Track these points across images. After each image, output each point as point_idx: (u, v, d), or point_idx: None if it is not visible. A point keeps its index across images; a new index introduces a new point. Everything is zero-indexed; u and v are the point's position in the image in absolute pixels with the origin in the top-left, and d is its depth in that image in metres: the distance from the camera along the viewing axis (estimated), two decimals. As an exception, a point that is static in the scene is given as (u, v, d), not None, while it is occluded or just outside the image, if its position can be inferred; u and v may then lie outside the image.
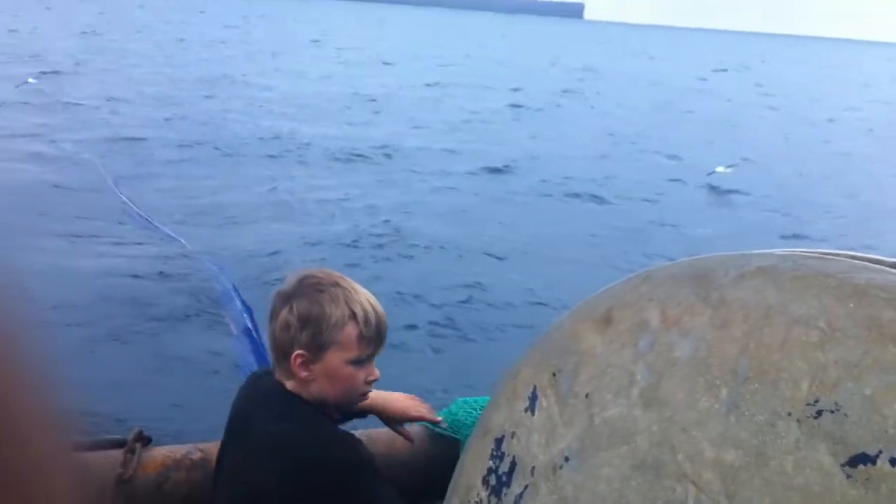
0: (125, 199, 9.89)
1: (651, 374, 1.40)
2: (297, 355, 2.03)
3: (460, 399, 2.78)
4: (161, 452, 2.47)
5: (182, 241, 8.61)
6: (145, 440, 2.47)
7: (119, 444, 2.45)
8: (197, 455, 2.46)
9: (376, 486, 2.05)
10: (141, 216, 9.27)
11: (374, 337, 2.09)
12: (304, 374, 2.05)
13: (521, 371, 1.72)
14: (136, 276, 7.76)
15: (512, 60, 46.69)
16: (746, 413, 1.24)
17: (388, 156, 15.08)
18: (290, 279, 2.10)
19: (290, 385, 2.10)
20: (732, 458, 1.24)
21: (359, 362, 2.07)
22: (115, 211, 9.70)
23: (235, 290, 6.56)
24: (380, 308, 2.12)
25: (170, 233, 8.73)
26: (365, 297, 2.09)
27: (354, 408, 2.21)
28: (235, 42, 42.82)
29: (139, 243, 8.70)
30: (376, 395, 2.40)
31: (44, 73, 21.82)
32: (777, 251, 1.33)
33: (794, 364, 1.19)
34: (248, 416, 2.17)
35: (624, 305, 1.51)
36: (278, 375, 2.12)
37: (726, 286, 1.33)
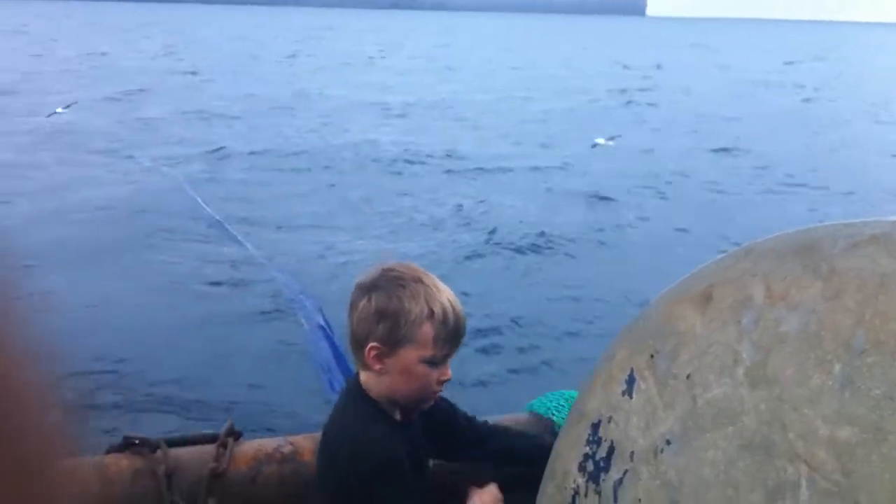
0: (210, 211, 10.09)
1: (757, 352, 1.36)
2: (372, 347, 2.02)
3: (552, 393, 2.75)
4: (252, 446, 2.49)
5: (248, 246, 8.77)
6: (236, 434, 2.49)
7: (211, 439, 2.48)
8: (287, 448, 2.47)
9: (399, 493, 2.02)
10: (218, 221, 9.46)
11: (451, 337, 2.05)
12: (377, 366, 2.04)
13: (616, 354, 1.68)
14: (215, 283, 7.96)
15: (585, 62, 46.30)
16: (862, 387, 1.19)
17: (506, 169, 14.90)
18: (372, 271, 2.09)
19: (363, 377, 2.10)
20: (848, 435, 1.19)
21: (433, 362, 2.04)
22: (199, 221, 9.92)
23: (305, 293, 6.67)
24: (460, 308, 2.08)
25: (240, 239, 8.87)
26: (446, 296, 2.06)
27: (424, 406, 2.15)
28: (304, 56, 43.28)
29: (215, 252, 8.90)
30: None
31: (129, 91, 22.47)
32: (889, 218, 1.27)
33: None
34: (333, 409, 2.22)
35: (724, 282, 1.46)
36: (357, 366, 2.12)
37: (836, 256, 1.28)
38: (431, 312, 2.01)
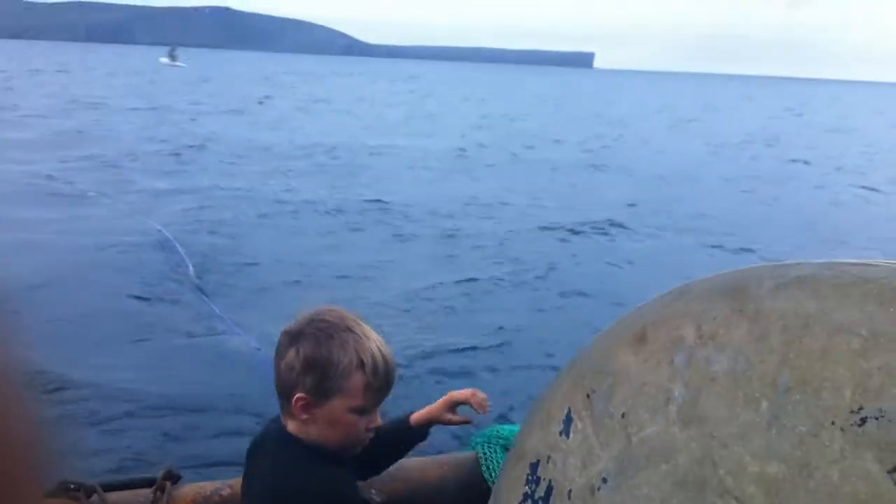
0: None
1: (688, 391, 1.39)
2: (299, 398, 1.97)
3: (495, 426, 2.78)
4: (191, 489, 2.46)
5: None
6: (175, 478, 2.46)
7: (149, 483, 2.44)
8: (226, 491, 2.45)
9: None
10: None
11: (381, 386, 2.02)
12: (304, 416, 1.99)
13: (554, 394, 1.71)
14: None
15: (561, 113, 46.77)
16: (788, 424, 1.22)
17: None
18: (300, 319, 2.03)
19: (291, 427, 2.05)
20: (776, 470, 1.23)
21: (363, 411, 2.02)
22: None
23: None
24: (390, 356, 2.05)
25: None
26: (376, 345, 2.02)
27: (353, 452, 2.11)
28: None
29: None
30: (421, 415, 2.48)
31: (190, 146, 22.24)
32: (815, 261, 1.32)
33: (836, 372, 1.18)
34: (254, 456, 2.16)
35: (658, 322, 1.50)
36: (283, 416, 2.07)
37: (763, 297, 1.33)
38: (361, 362, 1.97)
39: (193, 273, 9.47)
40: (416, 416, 2.51)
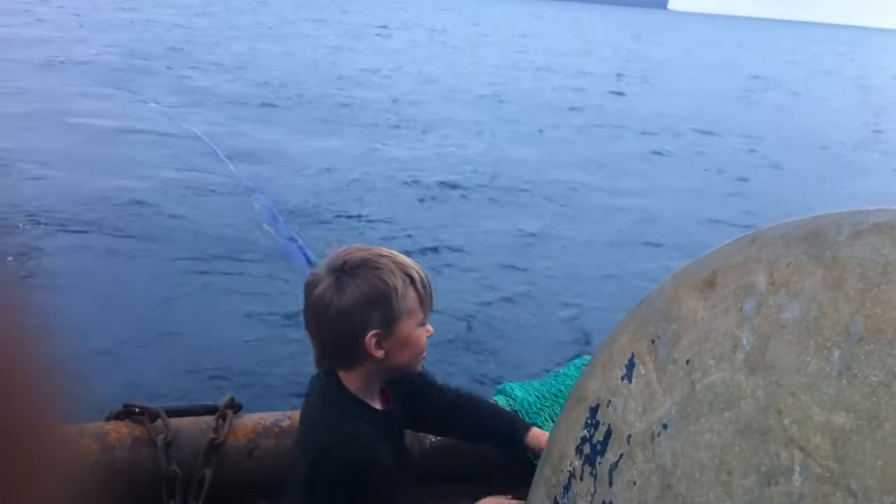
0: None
1: (757, 338, 1.37)
2: (373, 335, 1.98)
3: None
4: (252, 419, 2.52)
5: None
6: (236, 407, 2.52)
7: (211, 411, 2.50)
8: (286, 422, 2.49)
9: (392, 491, 2.02)
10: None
11: (429, 295, 2.08)
12: (379, 353, 2.00)
13: (618, 338, 1.69)
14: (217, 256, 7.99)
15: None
16: (859, 374, 1.20)
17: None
18: (331, 265, 2.02)
19: (343, 374, 2.06)
20: (843, 421, 1.20)
21: (423, 324, 2.07)
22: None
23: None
24: (421, 266, 2.11)
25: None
26: (408, 260, 2.07)
27: (416, 368, 2.15)
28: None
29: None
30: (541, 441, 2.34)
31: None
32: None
33: None
34: (308, 398, 2.19)
35: (729, 268, 1.47)
36: (340, 367, 2.07)
37: (840, 244, 1.29)
38: (411, 279, 2.02)
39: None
40: (535, 439, 2.39)
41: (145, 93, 16.58)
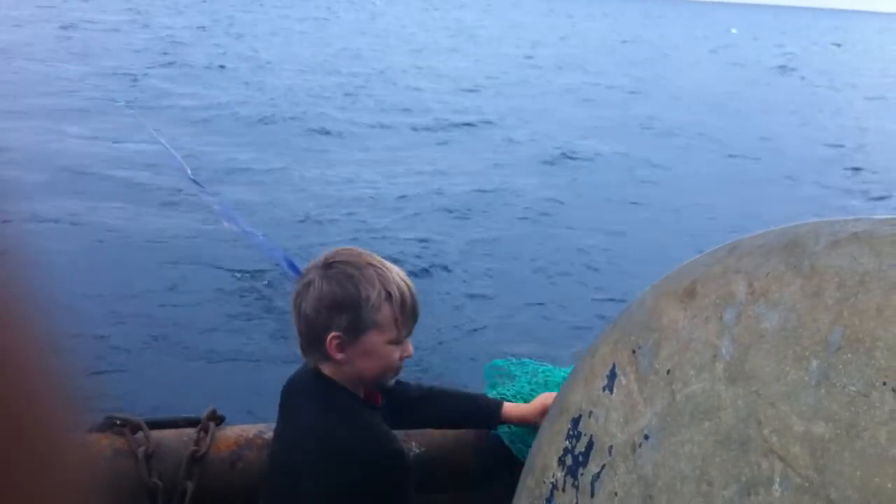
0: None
1: (737, 348, 1.37)
2: (333, 337, 1.99)
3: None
4: (234, 431, 2.50)
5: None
6: (219, 419, 2.50)
7: (193, 423, 2.49)
8: (269, 434, 2.47)
9: (408, 486, 2.03)
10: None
11: (409, 316, 2.06)
12: (339, 355, 2.01)
13: (599, 349, 1.69)
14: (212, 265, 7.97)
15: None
16: (838, 384, 1.19)
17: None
18: (317, 262, 2.05)
19: (326, 369, 2.07)
20: (822, 430, 1.20)
21: (396, 342, 2.05)
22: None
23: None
24: (413, 286, 2.09)
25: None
26: (398, 275, 2.06)
27: (388, 383, 2.15)
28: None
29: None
30: (516, 413, 2.48)
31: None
32: (874, 216, 1.28)
33: (890, 331, 1.15)
34: (289, 401, 2.20)
35: (709, 278, 1.47)
36: (314, 361, 2.09)
37: (818, 254, 1.29)
38: (388, 294, 2.01)
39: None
40: (510, 413, 2.49)
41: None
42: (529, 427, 2.47)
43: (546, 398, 2.44)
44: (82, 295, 6.86)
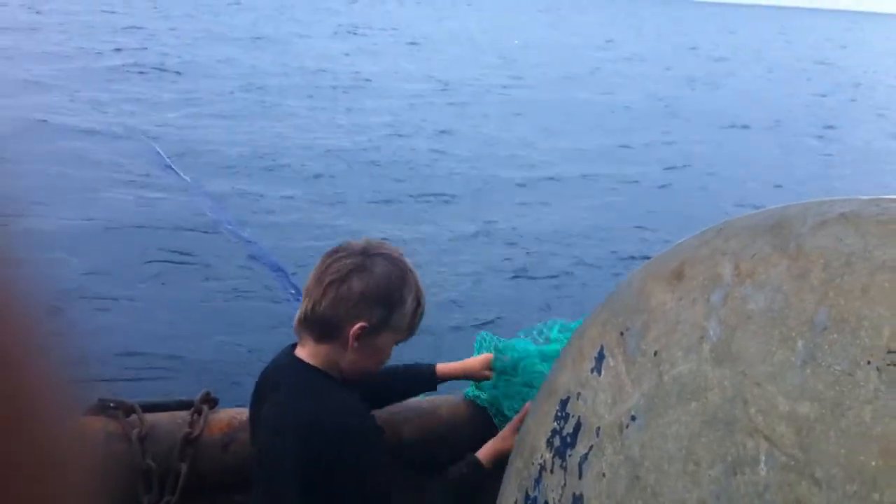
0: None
1: (723, 329, 1.37)
2: (360, 327, 1.99)
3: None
4: (227, 413, 2.51)
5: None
6: (212, 402, 2.51)
7: (186, 406, 2.49)
8: None
9: (388, 458, 2.05)
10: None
11: (419, 324, 2.13)
12: (354, 344, 2.01)
13: (588, 330, 1.70)
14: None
15: None
16: (823, 364, 1.20)
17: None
18: (360, 248, 2.04)
19: (306, 352, 2.06)
20: (807, 410, 1.21)
21: (398, 343, 2.12)
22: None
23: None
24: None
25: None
26: (421, 285, 2.11)
27: (367, 378, 2.17)
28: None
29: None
30: (453, 368, 2.56)
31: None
32: (861, 196, 1.28)
33: (875, 311, 1.15)
34: (266, 384, 2.17)
35: (696, 259, 1.48)
36: (310, 340, 2.06)
37: (805, 235, 1.29)
38: (418, 304, 2.08)
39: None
40: (446, 369, 2.57)
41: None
42: (498, 392, 2.54)
43: (488, 356, 2.55)
44: (76, 280, 6.88)
